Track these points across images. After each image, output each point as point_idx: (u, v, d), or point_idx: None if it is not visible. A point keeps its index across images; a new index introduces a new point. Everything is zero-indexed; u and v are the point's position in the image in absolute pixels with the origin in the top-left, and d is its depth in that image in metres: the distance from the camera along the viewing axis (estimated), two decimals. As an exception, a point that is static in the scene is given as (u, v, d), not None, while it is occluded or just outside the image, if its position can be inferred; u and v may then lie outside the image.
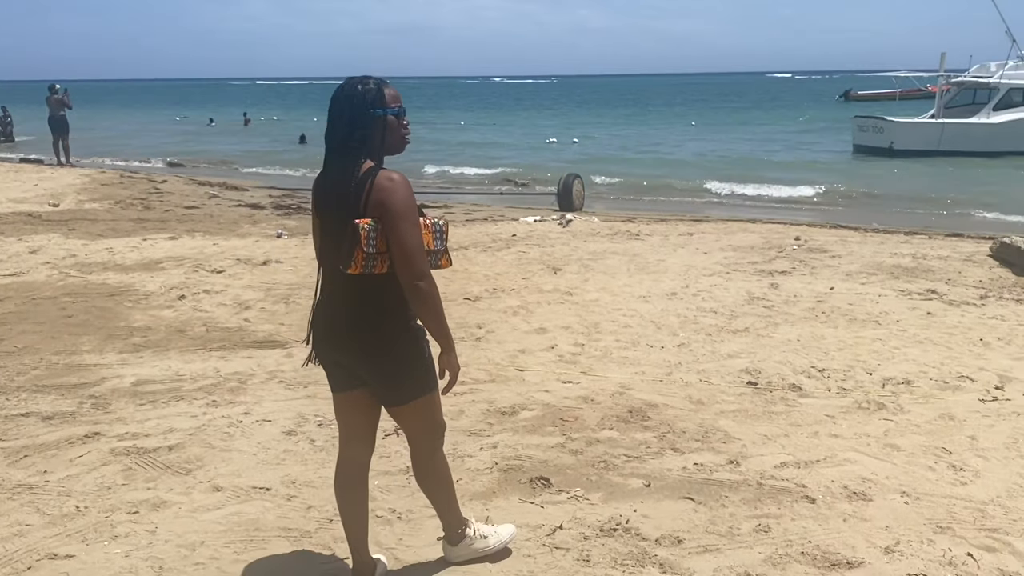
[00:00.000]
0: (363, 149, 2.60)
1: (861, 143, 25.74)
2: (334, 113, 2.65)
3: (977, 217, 14.82)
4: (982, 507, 3.55)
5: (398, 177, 2.58)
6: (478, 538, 3.14)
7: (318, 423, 4.49)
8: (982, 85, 25.02)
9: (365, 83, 2.64)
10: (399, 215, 2.52)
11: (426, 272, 2.57)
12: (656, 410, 4.65)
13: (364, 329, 2.65)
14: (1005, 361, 5.38)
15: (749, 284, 7.44)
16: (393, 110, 2.64)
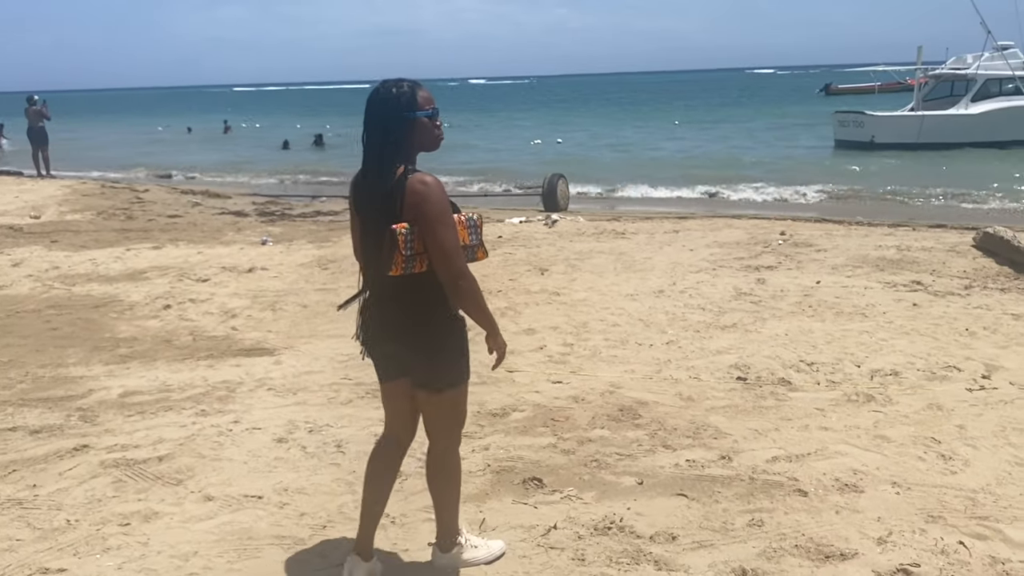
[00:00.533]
0: (399, 151, 2.69)
1: (842, 138, 25.92)
2: (370, 116, 2.73)
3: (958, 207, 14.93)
4: (972, 495, 3.58)
5: (431, 180, 2.67)
6: (468, 547, 3.16)
7: (309, 430, 4.47)
8: (959, 77, 25.26)
9: (399, 86, 2.72)
10: (435, 219, 2.63)
11: (464, 270, 2.69)
12: (647, 408, 4.66)
13: (412, 323, 2.78)
14: (991, 350, 5.42)
15: (736, 280, 7.47)
16: (427, 112, 2.73)
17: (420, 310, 2.78)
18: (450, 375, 2.88)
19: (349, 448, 4.23)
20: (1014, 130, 24.12)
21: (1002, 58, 24.77)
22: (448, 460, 3.03)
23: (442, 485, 3.07)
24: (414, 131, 2.71)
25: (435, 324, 2.80)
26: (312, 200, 16.11)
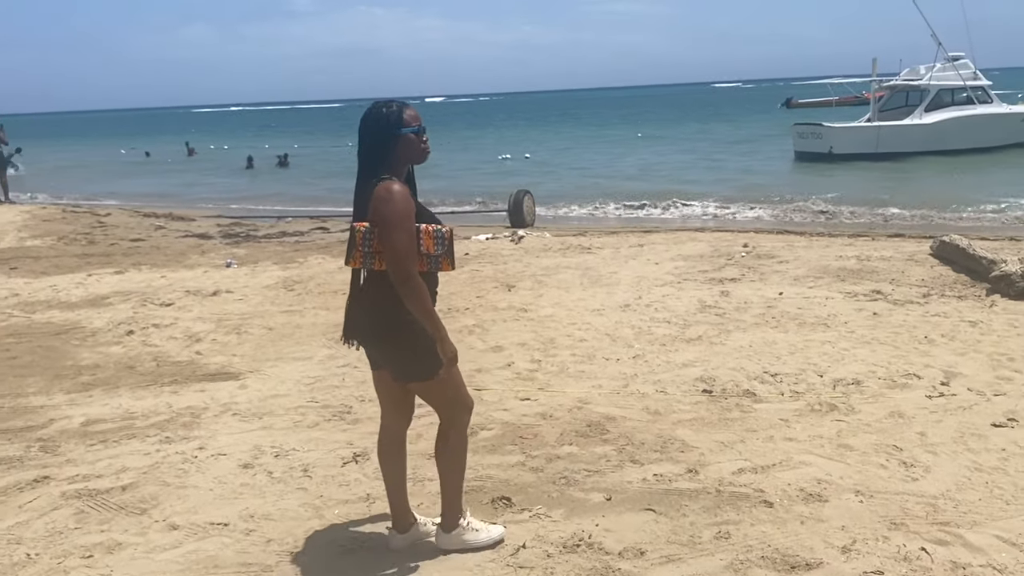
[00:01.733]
0: (386, 163, 3.00)
1: (802, 149, 26.39)
2: (363, 133, 3.05)
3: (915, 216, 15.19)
4: (933, 501, 3.64)
5: (395, 188, 2.94)
6: (470, 530, 3.34)
7: (275, 455, 4.43)
8: (913, 87, 25.88)
9: (388, 106, 3.04)
10: (388, 223, 2.90)
11: (410, 274, 2.90)
12: (614, 423, 4.69)
13: (372, 319, 3.07)
14: (949, 357, 5.53)
15: (700, 293, 7.54)
16: (413, 128, 3.03)
17: (377, 307, 3.03)
18: (419, 368, 3.08)
19: (316, 472, 4.20)
20: (966, 138, 24.78)
21: (953, 69, 25.42)
22: (450, 440, 3.24)
23: (445, 464, 3.27)
24: (401, 146, 3.02)
25: (390, 321, 3.01)
26: (277, 220, 16.02)
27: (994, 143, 25.24)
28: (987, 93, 26.13)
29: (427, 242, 2.99)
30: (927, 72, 25.74)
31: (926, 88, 25.32)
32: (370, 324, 3.10)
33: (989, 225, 13.67)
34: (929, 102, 25.22)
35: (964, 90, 25.47)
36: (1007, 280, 6.82)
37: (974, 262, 7.65)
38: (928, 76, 25.51)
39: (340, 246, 11.81)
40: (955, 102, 25.47)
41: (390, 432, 3.39)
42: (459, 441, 3.28)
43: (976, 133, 25.01)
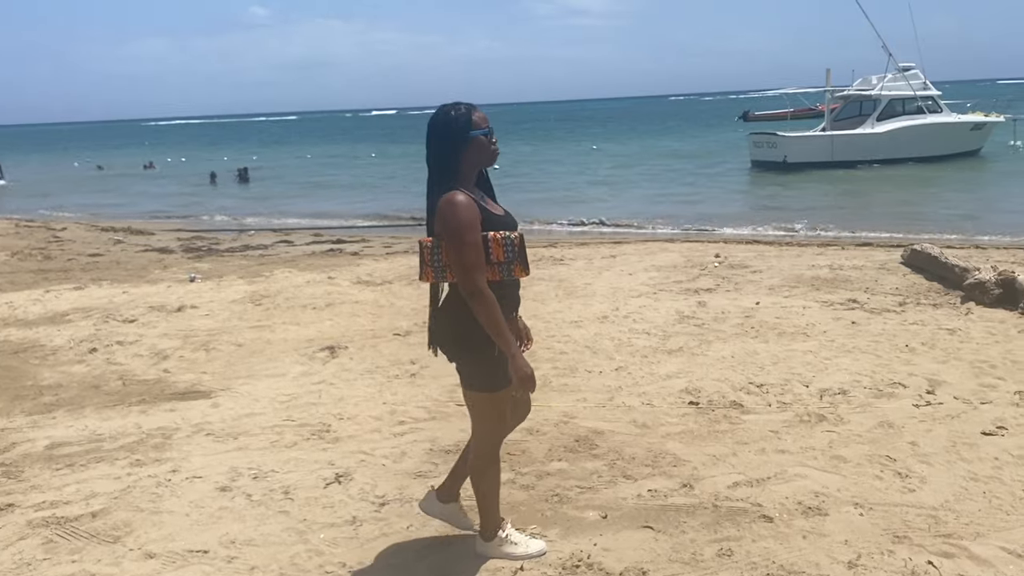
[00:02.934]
0: (457, 168, 2.94)
1: (758, 159, 26.78)
2: (432, 137, 2.97)
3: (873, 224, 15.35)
4: (934, 513, 3.59)
5: (457, 199, 2.86)
6: (508, 542, 3.33)
7: (253, 476, 4.25)
8: (866, 97, 26.42)
9: (457, 109, 2.96)
10: (451, 234, 2.85)
11: (478, 287, 2.84)
12: (603, 437, 4.59)
13: (445, 330, 3.06)
14: (932, 365, 5.53)
15: (677, 303, 7.49)
16: (483, 130, 2.97)
17: (451, 317, 3.02)
18: (481, 379, 3.05)
19: (297, 494, 4.02)
20: (917, 147, 25.42)
21: (904, 79, 26.02)
22: (479, 458, 3.21)
23: (476, 479, 3.26)
24: (472, 149, 2.95)
25: (460, 332, 2.99)
26: (239, 234, 15.71)
27: (944, 151, 25.91)
28: (937, 103, 26.79)
29: (496, 250, 2.91)
30: (879, 82, 26.32)
31: (878, 98, 25.89)
32: (446, 335, 3.07)
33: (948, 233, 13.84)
34: (881, 112, 25.78)
35: (915, 100, 26.10)
36: (981, 288, 6.87)
37: (946, 270, 7.71)
38: (880, 86, 26.08)
39: (307, 259, 11.61)
40: (906, 111, 26.09)
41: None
42: (488, 456, 3.23)
43: (926, 142, 25.65)
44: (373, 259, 11.20)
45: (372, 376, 5.89)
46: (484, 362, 2.99)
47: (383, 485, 4.10)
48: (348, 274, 9.85)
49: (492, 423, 3.17)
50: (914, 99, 26.06)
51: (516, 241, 2.96)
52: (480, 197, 3.00)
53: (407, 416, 5.06)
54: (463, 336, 2.99)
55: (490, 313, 2.85)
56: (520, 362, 2.91)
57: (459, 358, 3.09)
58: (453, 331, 3.04)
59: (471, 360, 3.04)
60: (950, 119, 26.83)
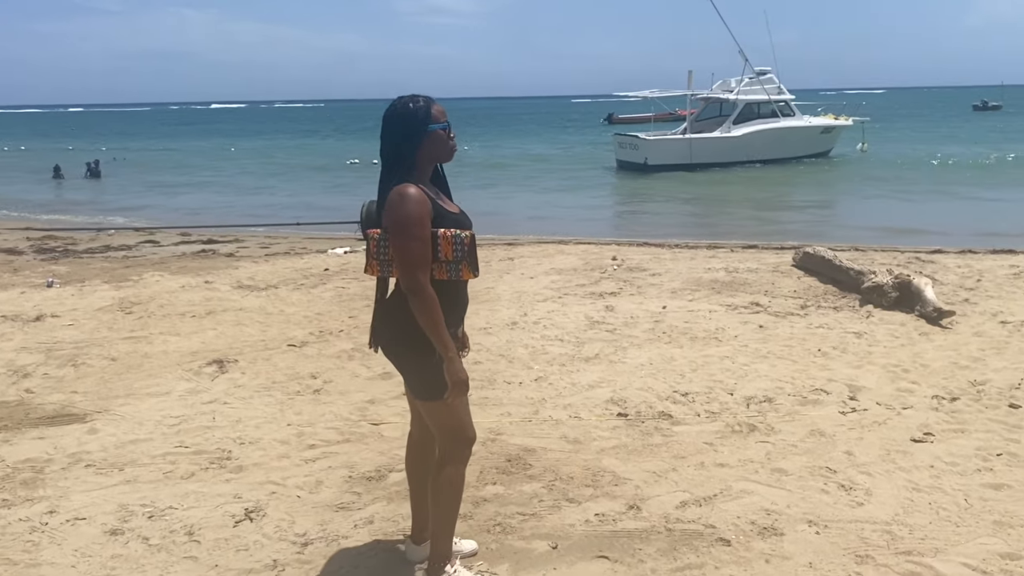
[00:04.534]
0: (409, 163, 2.78)
1: (622, 159, 27.42)
2: (388, 130, 2.81)
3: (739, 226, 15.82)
4: (888, 528, 3.50)
5: (408, 192, 2.71)
6: None
7: (148, 515, 3.72)
8: (724, 100, 27.53)
9: (415, 101, 2.81)
10: (396, 228, 2.70)
11: (420, 284, 2.69)
12: (535, 455, 4.31)
13: (391, 330, 2.89)
14: (847, 370, 5.55)
15: (585, 308, 7.31)
16: (441, 124, 2.82)
17: (392, 317, 2.87)
18: (423, 389, 2.89)
19: (204, 535, 3.54)
20: (772, 149, 26.73)
21: (760, 84, 27.26)
22: (441, 473, 2.97)
23: (436, 498, 3.00)
24: (429, 143, 2.81)
25: (401, 333, 2.83)
26: (98, 233, 14.51)
27: (797, 153, 27.42)
28: (790, 106, 28.25)
29: (445, 248, 2.76)
30: (737, 85, 27.44)
31: (735, 102, 26.99)
32: (389, 334, 2.91)
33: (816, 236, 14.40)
34: (738, 115, 26.88)
35: (770, 104, 27.41)
36: (879, 291, 7.03)
37: (840, 273, 7.88)
38: (737, 90, 27.21)
39: (178, 261, 10.79)
40: (761, 115, 27.35)
41: (414, 440, 3.23)
42: (454, 477, 2.98)
43: (781, 144, 27.00)
44: (252, 261, 10.51)
45: (270, 393, 5.39)
46: (427, 366, 2.82)
47: (302, 521, 3.67)
48: (227, 278, 9.17)
49: (452, 433, 2.95)
50: (769, 103, 27.36)
51: (466, 240, 2.81)
52: (435, 193, 2.85)
53: (317, 439, 4.61)
54: (407, 337, 2.82)
55: (430, 312, 2.71)
56: (455, 366, 2.77)
57: (400, 359, 2.93)
58: (397, 332, 2.87)
59: (413, 362, 2.88)
60: (802, 122, 28.35)
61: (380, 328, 2.97)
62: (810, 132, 28.40)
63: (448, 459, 2.98)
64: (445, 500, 3.00)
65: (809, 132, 28.36)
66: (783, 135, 27.29)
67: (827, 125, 29.30)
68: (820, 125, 29.06)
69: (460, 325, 3.04)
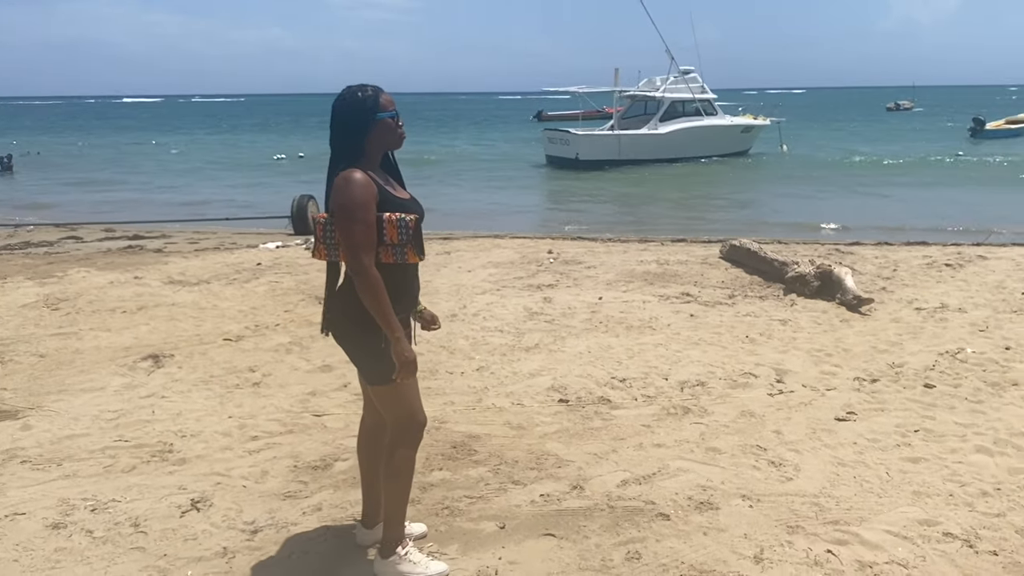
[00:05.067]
0: (358, 150, 2.86)
1: (552, 154, 27.66)
2: (337, 119, 2.87)
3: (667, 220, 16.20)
4: (816, 500, 3.70)
5: (353, 176, 2.78)
6: (407, 561, 3.11)
7: (91, 508, 3.68)
8: (650, 98, 28.04)
9: (364, 90, 2.88)
10: (341, 211, 2.77)
11: (364, 267, 2.75)
12: (479, 441, 4.40)
13: (335, 313, 2.98)
14: (774, 355, 5.79)
15: (523, 300, 7.43)
16: (390, 113, 2.90)
17: (341, 301, 2.94)
18: (371, 374, 2.97)
19: (150, 526, 3.52)
20: (695, 147, 27.42)
21: (684, 82, 27.89)
22: (394, 457, 3.03)
23: (389, 482, 3.05)
24: (378, 131, 2.88)
25: (349, 317, 2.90)
26: (16, 229, 14.01)
27: (719, 151, 28.17)
28: (712, 105, 28.98)
29: (390, 231, 2.83)
30: (662, 84, 28.02)
31: (660, 100, 27.57)
32: (338, 318, 2.98)
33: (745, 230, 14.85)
34: (663, 113, 27.47)
35: (693, 102, 28.09)
36: (802, 280, 7.33)
37: (765, 264, 8.17)
38: (663, 88, 27.78)
39: (103, 257, 10.51)
40: (686, 113, 28.01)
41: (366, 425, 3.31)
42: (405, 460, 3.04)
43: (704, 142, 27.72)
44: (182, 256, 10.31)
45: (208, 387, 5.34)
46: (376, 351, 2.89)
47: (250, 510, 3.68)
48: (157, 273, 8.99)
49: (402, 417, 3.02)
50: (693, 101, 28.03)
51: (411, 224, 2.87)
52: (384, 179, 2.93)
53: (259, 430, 4.61)
54: (356, 321, 2.88)
55: (374, 293, 2.77)
56: (402, 346, 2.83)
57: (350, 345, 2.99)
58: (347, 316, 2.93)
59: (363, 347, 2.94)
60: (724, 121, 29.13)
61: (330, 312, 3.03)
62: (732, 131, 29.20)
63: (399, 443, 3.04)
64: (397, 484, 3.06)
65: (731, 131, 29.15)
66: (706, 133, 27.99)
67: (747, 124, 30.15)
68: (741, 124, 29.89)
69: (413, 308, 3.11)
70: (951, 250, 9.85)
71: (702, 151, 27.59)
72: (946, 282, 7.97)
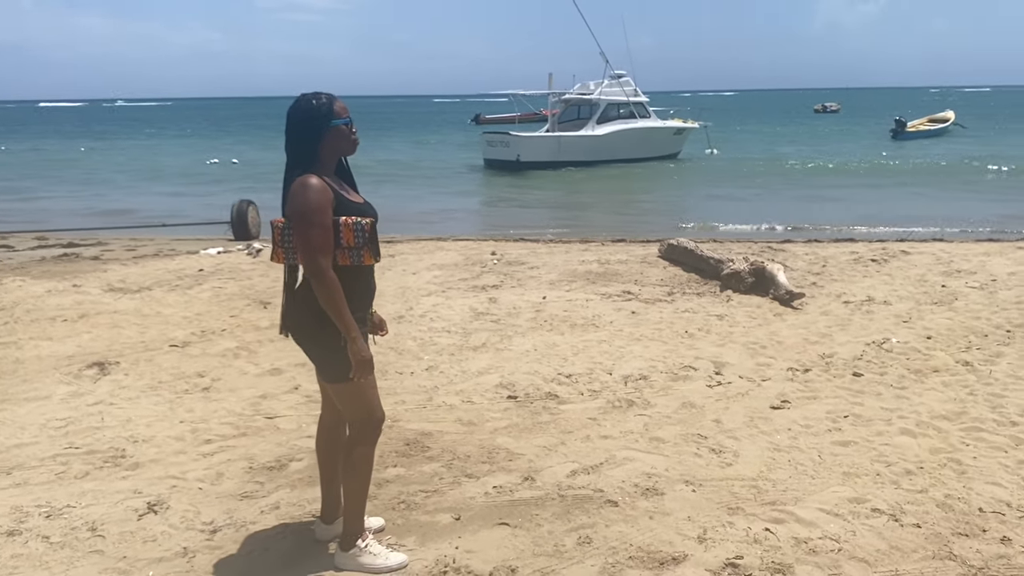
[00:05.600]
0: (313, 157, 2.95)
1: (491, 157, 27.83)
2: (292, 126, 2.96)
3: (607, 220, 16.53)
4: (754, 483, 3.91)
5: (309, 182, 2.87)
6: (367, 553, 3.21)
7: (45, 515, 3.69)
8: (585, 101, 28.50)
9: (318, 98, 2.98)
10: (298, 215, 2.86)
11: (322, 269, 2.85)
12: (432, 438, 4.51)
13: (299, 314, 3.04)
14: (712, 349, 6.03)
15: (469, 300, 7.55)
16: (344, 120, 2.99)
17: (299, 302, 3.02)
18: (330, 371, 3.05)
19: (108, 530, 3.55)
20: (631, 149, 27.99)
21: (619, 85, 28.41)
22: (354, 454, 3.13)
23: (348, 478, 3.17)
24: (332, 137, 2.98)
25: (307, 317, 2.98)
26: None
27: (653, 154, 28.81)
28: (645, 108, 29.62)
29: (347, 234, 2.92)
30: (596, 88, 28.52)
31: (597, 102, 28.04)
32: (297, 319, 3.07)
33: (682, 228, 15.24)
34: (599, 115, 27.95)
35: (628, 105, 28.65)
36: (737, 277, 7.61)
37: (702, 262, 8.45)
38: (598, 91, 28.26)
39: (38, 266, 10.29)
40: (620, 116, 28.59)
41: (324, 423, 3.40)
42: (364, 456, 3.14)
43: (638, 145, 28.32)
44: (121, 264, 10.16)
45: (157, 393, 5.34)
46: (334, 349, 2.96)
47: (208, 511, 3.73)
48: (96, 281, 8.86)
49: (361, 413, 3.11)
50: (627, 104, 28.61)
51: (367, 227, 2.98)
52: (339, 184, 3.02)
53: (212, 434, 4.65)
54: (313, 321, 2.96)
55: (331, 295, 2.85)
56: (358, 345, 2.92)
57: (309, 345, 3.07)
58: (304, 317, 3.01)
59: (322, 347, 3.01)
60: (657, 124, 29.81)
61: (289, 314, 3.12)
62: (664, 133, 29.89)
63: (358, 440, 3.14)
64: (357, 479, 3.17)
65: (664, 133, 29.83)
66: (641, 135, 28.57)
67: (679, 127, 30.91)
68: (673, 127, 30.65)
69: (369, 309, 3.19)
70: (876, 246, 10.31)
71: (637, 153, 28.14)
72: (872, 276, 8.35)
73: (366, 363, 2.96)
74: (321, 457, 3.42)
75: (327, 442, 3.39)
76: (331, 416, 3.35)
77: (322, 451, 3.41)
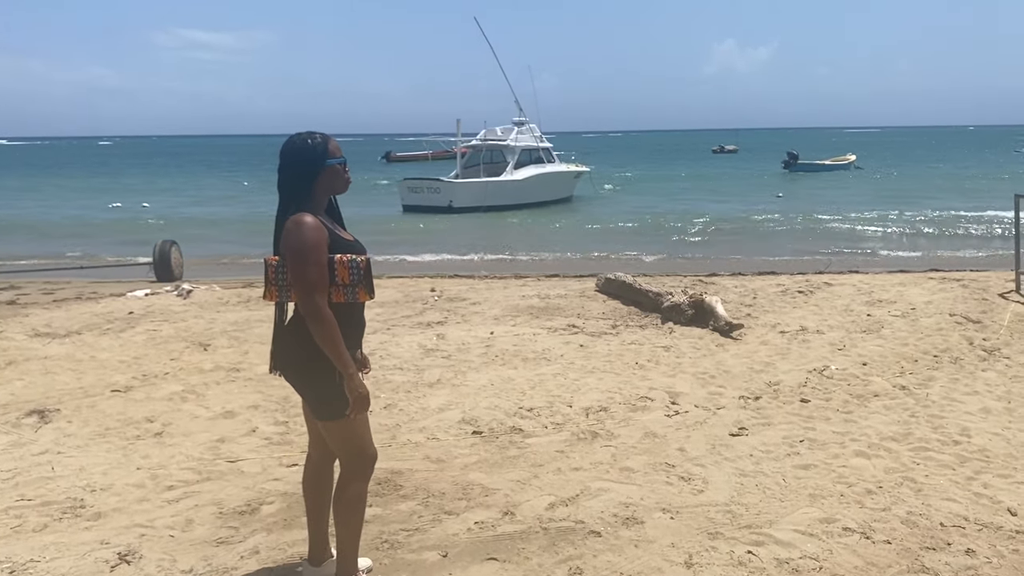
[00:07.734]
0: (306, 195, 2.97)
1: (414, 203, 27.64)
2: (286, 165, 2.99)
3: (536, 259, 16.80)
4: (728, 508, 4.03)
5: (305, 220, 2.89)
6: None
7: (8, 571, 3.50)
8: (496, 147, 29.10)
9: (313, 137, 3.01)
10: (292, 254, 2.87)
11: (318, 307, 2.84)
12: (403, 477, 4.48)
13: (291, 352, 3.02)
14: (664, 379, 6.18)
15: (416, 337, 7.53)
16: (339, 159, 3.04)
17: (292, 339, 3.00)
18: (324, 409, 3.02)
19: (80, 584, 3.40)
20: (543, 192, 28.96)
21: (529, 131, 29.20)
22: (347, 491, 3.11)
23: (340, 516, 3.13)
24: (326, 177, 3.02)
25: (302, 355, 2.96)
26: None
27: (557, 196, 30.02)
28: (550, 153, 30.64)
29: (341, 272, 2.94)
30: (504, 134, 29.23)
31: (512, 148, 28.66)
32: (289, 356, 3.04)
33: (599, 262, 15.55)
34: (516, 160, 28.61)
35: (537, 150, 29.55)
36: (678, 310, 7.83)
37: (641, 295, 8.66)
38: (513, 136, 28.95)
39: (-46, 311, 9.76)
40: (532, 161, 29.46)
41: (312, 462, 3.36)
42: (357, 494, 3.13)
43: (549, 188, 29.42)
44: (42, 307, 9.73)
45: (107, 439, 5.15)
46: (328, 387, 2.95)
47: (184, 558, 3.62)
48: (18, 326, 8.47)
49: (354, 451, 3.11)
50: (536, 149, 29.52)
51: (362, 264, 3.00)
52: (331, 223, 3.05)
53: (174, 480, 4.51)
54: (307, 360, 2.95)
55: (328, 333, 2.85)
56: (356, 382, 2.93)
57: (301, 383, 3.05)
58: (296, 355, 3.00)
59: (314, 385, 3.00)
60: (562, 168, 31.13)
61: (279, 352, 3.09)
62: (568, 176, 31.26)
63: (352, 477, 3.12)
64: (352, 518, 3.14)
65: (567, 176, 31.18)
66: (551, 179, 29.68)
67: (579, 171, 32.21)
68: (575, 171, 31.98)
69: (359, 346, 3.20)
70: (799, 279, 10.74)
71: (547, 195, 29.15)
72: (801, 307, 8.71)
73: (363, 400, 2.96)
74: (309, 496, 3.38)
75: (316, 480, 3.35)
76: (319, 453, 3.32)
77: (310, 490, 3.37)
